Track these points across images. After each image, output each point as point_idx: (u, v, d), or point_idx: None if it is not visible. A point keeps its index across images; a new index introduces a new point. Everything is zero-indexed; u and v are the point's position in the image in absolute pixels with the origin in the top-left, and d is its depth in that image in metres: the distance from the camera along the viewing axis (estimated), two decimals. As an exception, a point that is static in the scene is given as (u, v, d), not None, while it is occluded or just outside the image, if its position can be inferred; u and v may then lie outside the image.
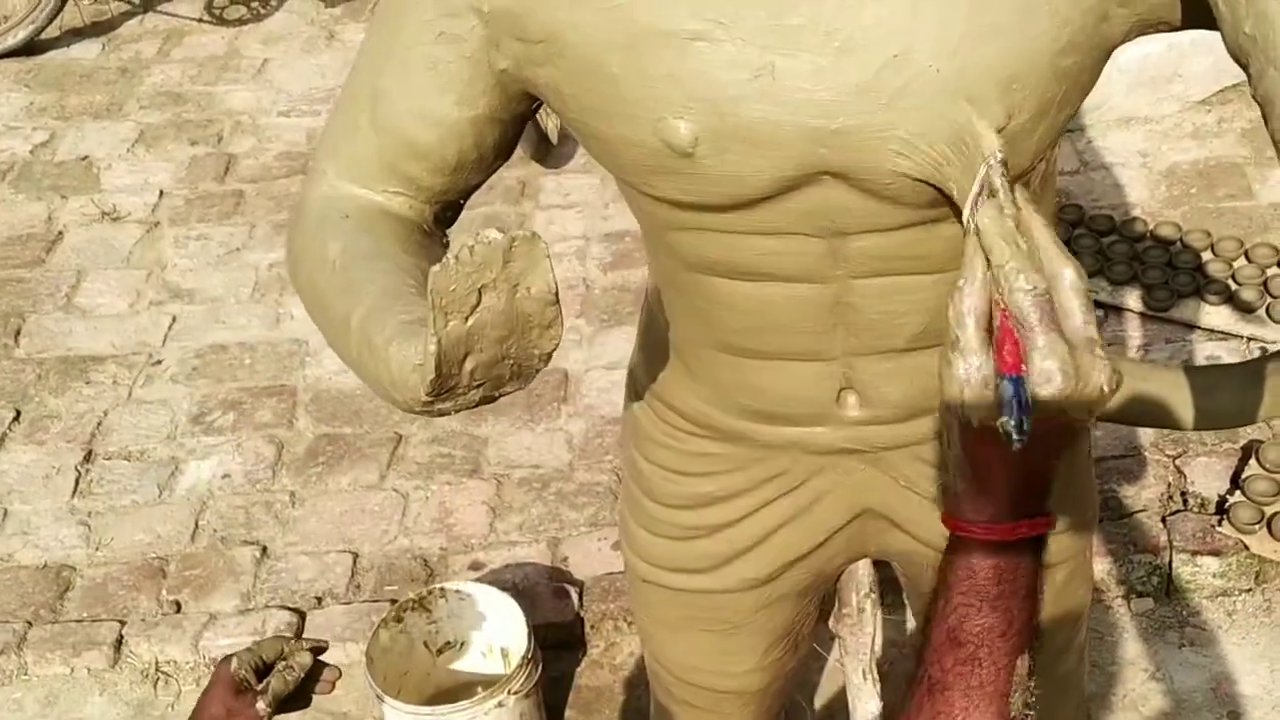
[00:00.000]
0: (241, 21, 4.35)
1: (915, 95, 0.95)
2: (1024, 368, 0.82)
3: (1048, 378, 0.80)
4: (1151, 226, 3.19)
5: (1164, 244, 3.12)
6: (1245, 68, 0.90)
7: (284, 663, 1.30)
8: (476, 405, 0.94)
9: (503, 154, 1.13)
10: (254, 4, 4.40)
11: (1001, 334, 0.83)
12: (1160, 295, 2.98)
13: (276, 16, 4.38)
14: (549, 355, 0.92)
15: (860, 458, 1.24)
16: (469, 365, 0.89)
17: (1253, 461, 2.58)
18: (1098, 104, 3.61)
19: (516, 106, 1.09)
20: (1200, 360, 2.87)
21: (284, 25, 4.33)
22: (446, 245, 1.16)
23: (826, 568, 1.37)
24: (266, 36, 4.29)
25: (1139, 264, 3.07)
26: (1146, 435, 2.67)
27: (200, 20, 4.36)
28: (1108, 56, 1.02)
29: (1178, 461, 2.65)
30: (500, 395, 0.94)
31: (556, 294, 0.88)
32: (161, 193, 3.67)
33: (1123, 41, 1.01)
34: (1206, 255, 3.07)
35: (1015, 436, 0.81)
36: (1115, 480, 2.62)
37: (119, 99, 4.05)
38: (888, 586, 2.26)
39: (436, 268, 0.83)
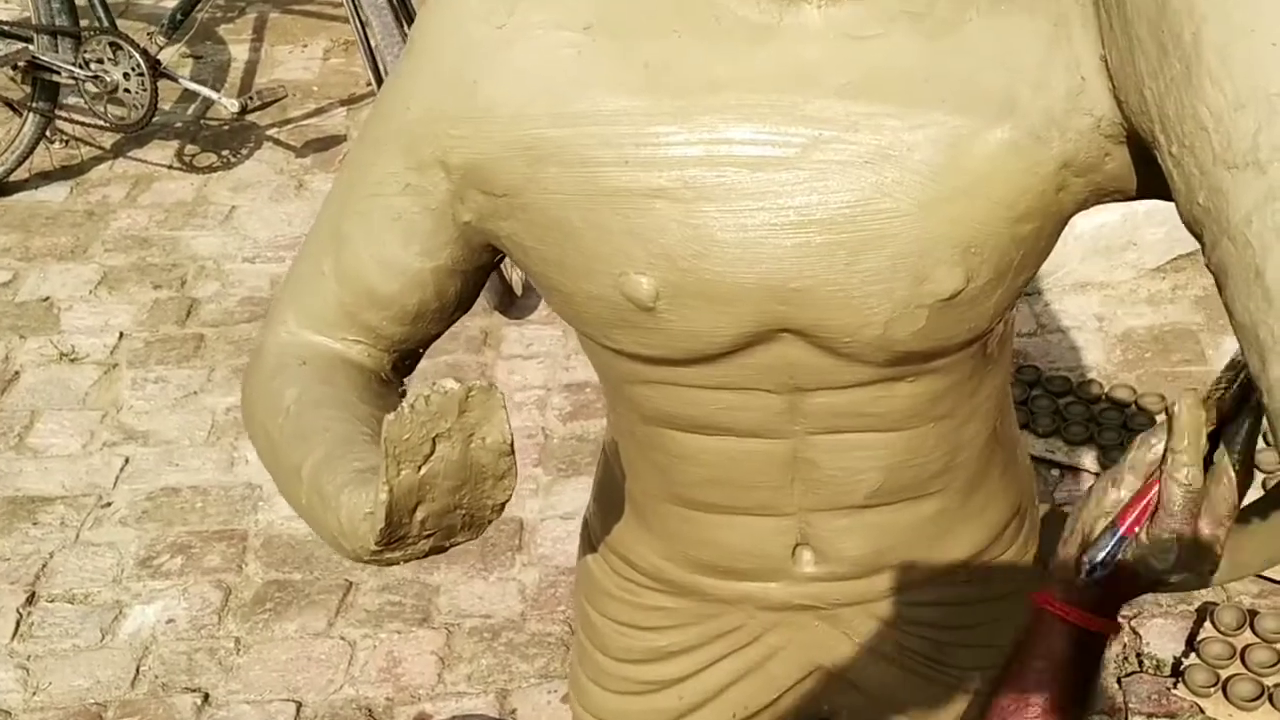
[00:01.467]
0: (211, 169, 4.38)
1: (874, 256, 0.96)
2: (1137, 532, 0.97)
3: (1162, 555, 0.95)
4: (1107, 389, 3.23)
5: (1119, 406, 3.16)
6: (1199, 237, 0.92)
7: None
8: (426, 555, 0.93)
9: (464, 304, 1.13)
10: (224, 151, 4.45)
11: (1143, 493, 0.97)
12: (1116, 456, 2.99)
13: (247, 164, 4.42)
14: (502, 506, 0.91)
15: (815, 614, 1.22)
16: (420, 515, 0.88)
17: (1207, 624, 2.57)
18: (1054, 269, 3.68)
19: (479, 258, 1.09)
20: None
21: (254, 173, 4.37)
22: (404, 394, 1.16)
23: (779, 726, 1.34)
24: (236, 183, 4.32)
25: (1095, 425, 3.10)
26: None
27: (170, 166, 4.40)
28: (1065, 222, 1.04)
29: (1133, 623, 2.64)
30: (451, 545, 0.93)
31: (511, 445, 0.87)
32: (121, 334, 3.66)
33: (1079, 209, 1.03)
34: (1161, 418, 3.09)
35: (1084, 575, 0.98)
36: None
37: (84, 241, 4.06)
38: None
39: (391, 416, 0.83)
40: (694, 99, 0.96)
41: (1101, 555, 0.97)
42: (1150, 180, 0.97)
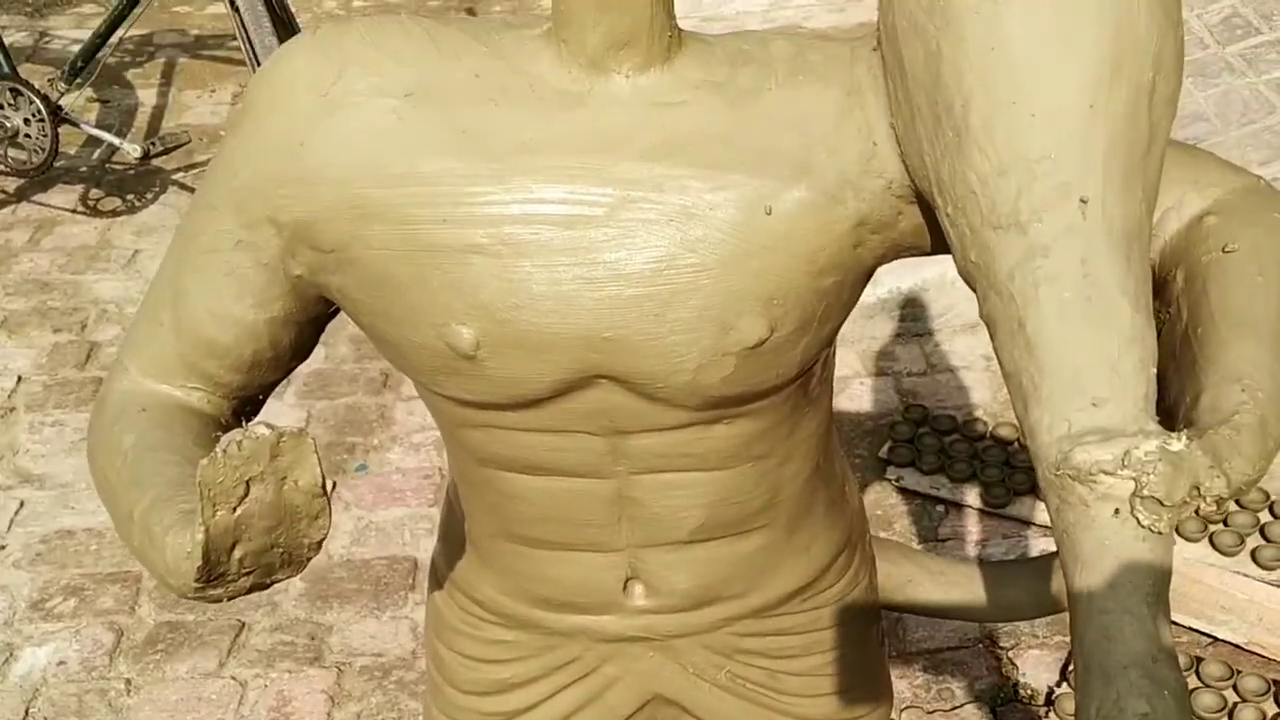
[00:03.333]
0: (115, 213, 4.39)
1: (681, 308, 1.02)
2: None
3: None
4: (992, 427, 3.32)
5: (1003, 444, 3.25)
6: (974, 290, 0.99)
7: None
8: (249, 591, 0.98)
9: (300, 354, 1.18)
10: (129, 196, 4.45)
11: None
12: (998, 493, 3.09)
13: (151, 208, 4.43)
14: (319, 544, 0.96)
15: (648, 645, 1.28)
16: (238, 553, 0.93)
17: (1080, 656, 2.65)
18: (945, 310, 3.79)
19: (312, 309, 1.14)
20: (1034, 554, 2.96)
21: (157, 217, 4.38)
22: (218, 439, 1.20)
23: (623, 753, 1.39)
24: (140, 227, 4.33)
25: (979, 462, 3.19)
26: (982, 628, 2.75)
27: (74, 211, 4.40)
28: (868, 275, 1.11)
29: (1010, 653, 2.71)
30: (273, 582, 0.98)
31: (323, 487, 0.92)
32: (20, 378, 3.65)
33: (880, 263, 1.10)
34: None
35: None
36: (950, 671, 2.68)
37: (-16, 286, 4.06)
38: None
39: (205, 460, 0.87)
40: (509, 161, 1.02)
41: None
42: (943, 240, 1.04)
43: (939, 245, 1.07)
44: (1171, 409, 1.00)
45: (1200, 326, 1.01)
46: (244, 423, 1.20)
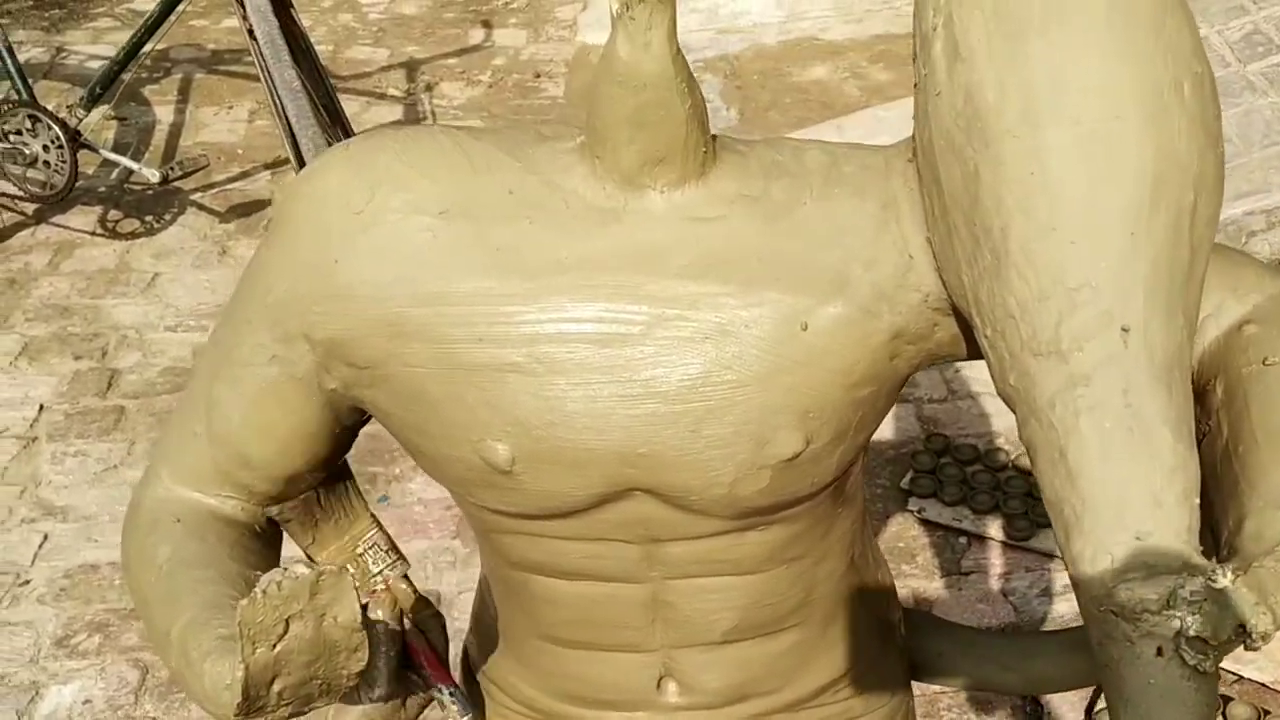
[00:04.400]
0: (134, 235, 4.40)
1: (717, 424, 1.02)
2: None
3: None
4: (1014, 457, 3.31)
5: (1025, 474, 3.24)
6: (1014, 411, 0.98)
7: None
8: (289, 719, 0.98)
9: (334, 461, 1.18)
10: (147, 217, 4.46)
11: None
12: (1021, 525, 3.08)
13: (170, 230, 4.44)
14: (357, 674, 0.96)
15: (683, 741, 1.27)
16: (277, 687, 0.93)
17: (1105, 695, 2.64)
18: (964, 332, 3.77)
19: (347, 419, 1.14)
20: (1058, 589, 2.96)
21: (176, 239, 4.39)
22: (279, 544, 1.20)
23: (657, 844, 1.39)
24: (159, 250, 4.34)
25: (1001, 494, 3.18)
26: (1006, 667, 2.74)
27: (93, 233, 4.41)
28: (903, 383, 1.10)
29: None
30: (310, 710, 0.98)
31: (362, 622, 0.92)
32: (41, 407, 3.66)
33: (915, 370, 1.09)
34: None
35: None
36: (975, 710, 2.67)
37: (4, 311, 4.06)
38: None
39: (245, 601, 0.87)
40: (544, 280, 1.01)
41: None
42: (977, 347, 1.03)
43: (975, 353, 1.06)
44: (1214, 528, 1.00)
45: (1241, 445, 1.00)
46: (278, 528, 1.20)
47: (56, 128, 3.98)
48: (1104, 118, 0.91)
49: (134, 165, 4.12)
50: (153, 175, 4.04)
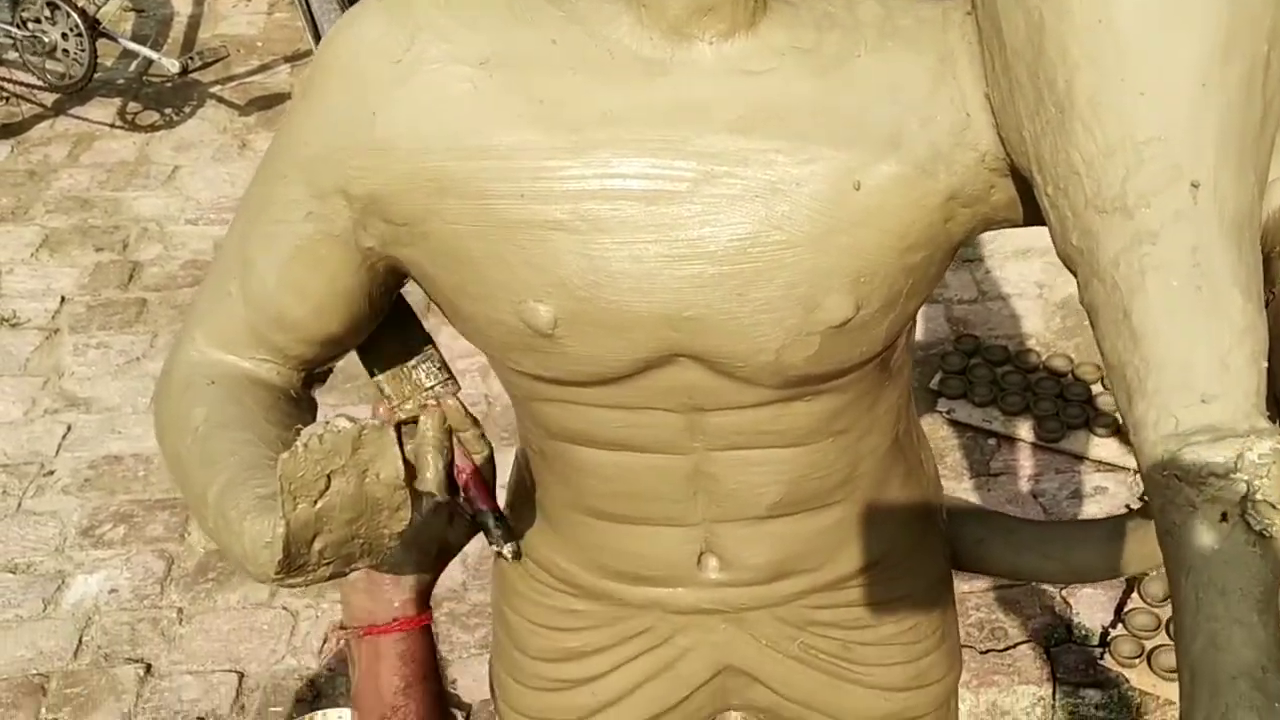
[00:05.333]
0: (154, 127, 4.35)
1: (766, 286, 0.98)
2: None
3: None
4: (1045, 358, 3.27)
5: (1056, 376, 3.21)
6: (1074, 274, 0.94)
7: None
8: (329, 579, 0.96)
9: (370, 324, 1.15)
10: (167, 110, 4.41)
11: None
12: (1051, 427, 3.05)
13: (190, 123, 4.39)
14: (399, 535, 0.94)
15: (722, 617, 1.26)
16: (318, 545, 0.91)
17: (1135, 595, 2.63)
18: (996, 235, 3.72)
19: (384, 281, 1.11)
20: (1088, 491, 2.94)
21: (196, 132, 4.34)
22: (314, 409, 1.17)
23: (692, 720, 1.38)
24: (178, 143, 4.29)
25: (1032, 395, 3.14)
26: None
27: (112, 125, 4.37)
28: (956, 249, 1.06)
29: (1064, 593, 2.69)
30: (351, 570, 0.96)
31: (405, 479, 0.89)
32: (63, 299, 3.64)
33: (970, 236, 1.05)
34: (1097, 388, 3.15)
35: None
36: (1004, 610, 2.66)
37: (25, 202, 4.03)
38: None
39: (285, 454, 0.85)
40: (588, 134, 0.97)
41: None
42: (1036, 211, 0.99)
43: (1032, 218, 1.02)
44: (1278, 396, 0.97)
45: None
46: (312, 391, 1.18)
47: (75, 15, 3.93)
48: None
49: (153, 55, 4.07)
50: (172, 65, 3.99)
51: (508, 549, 1.20)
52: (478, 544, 1.32)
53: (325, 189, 1.04)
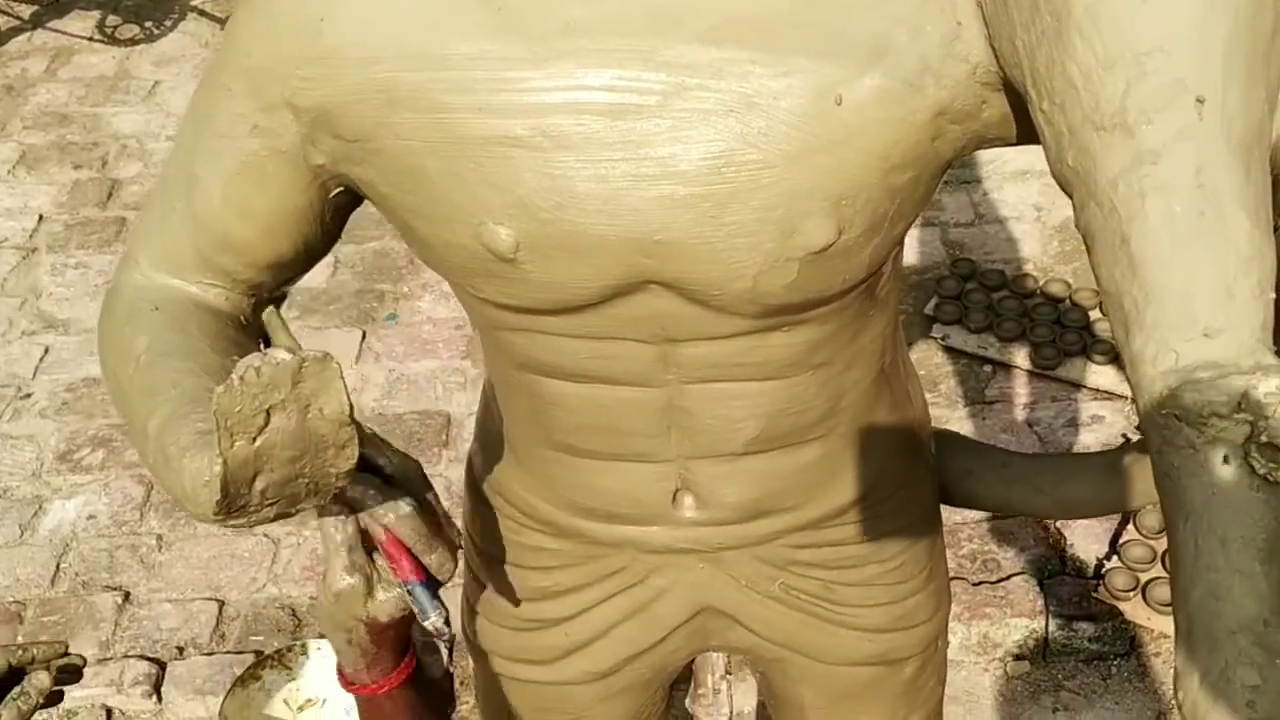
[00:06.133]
0: (134, 41, 4.25)
1: (741, 209, 0.92)
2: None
3: None
4: (1042, 283, 3.21)
5: (1053, 301, 3.14)
6: (1070, 196, 0.88)
7: (19, 687, 1.06)
8: (275, 519, 0.90)
9: (322, 249, 1.08)
10: (147, 24, 4.31)
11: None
12: (1048, 353, 2.99)
13: (170, 37, 4.29)
14: (347, 474, 0.88)
15: (699, 557, 1.20)
16: (259, 485, 0.85)
17: (1130, 527, 2.59)
18: (993, 157, 3.64)
19: (336, 201, 1.04)
20: (1085, 419, 2.89)
21: (177, 46, 4.24)
22: (265, 335, 1.11)
23: (669, 661, 1.33)
24: (159, 57, 4.19)
25: (1028, 321, 3.08)
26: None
27: (91, 39, 4.26)
28: (944, 170, 1.00)
29: (1058, 525, 2.65)
30: (298, 512, 0.90)
31: (351, 414, 0.84)
32: (41, 217, 3.57)
33: (959, 156, 0.98)
34: (1095, 314, 3.09)
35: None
36: (996, 542, 2.62)
37: (2, 119, 3.94)
38: (743, 667, 2.25)
39: (220, 388, 0.79)
40: (551, 43, 0.90)
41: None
42: (1030, 128, 0.93)
43: (1026, 136, 0.96)
44: None
45: None
46: (263, 317, 1.11)
47: (51, -75, 3.82)
48: None
49: (131, -34, 3.96)
50: (152, -23, 3.89)
51: (434, 619, 1.00)
52: (463, 471, 1.27)
53: (271, 102, 0.97)
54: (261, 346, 1.08)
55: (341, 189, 1.02)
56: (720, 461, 1.12)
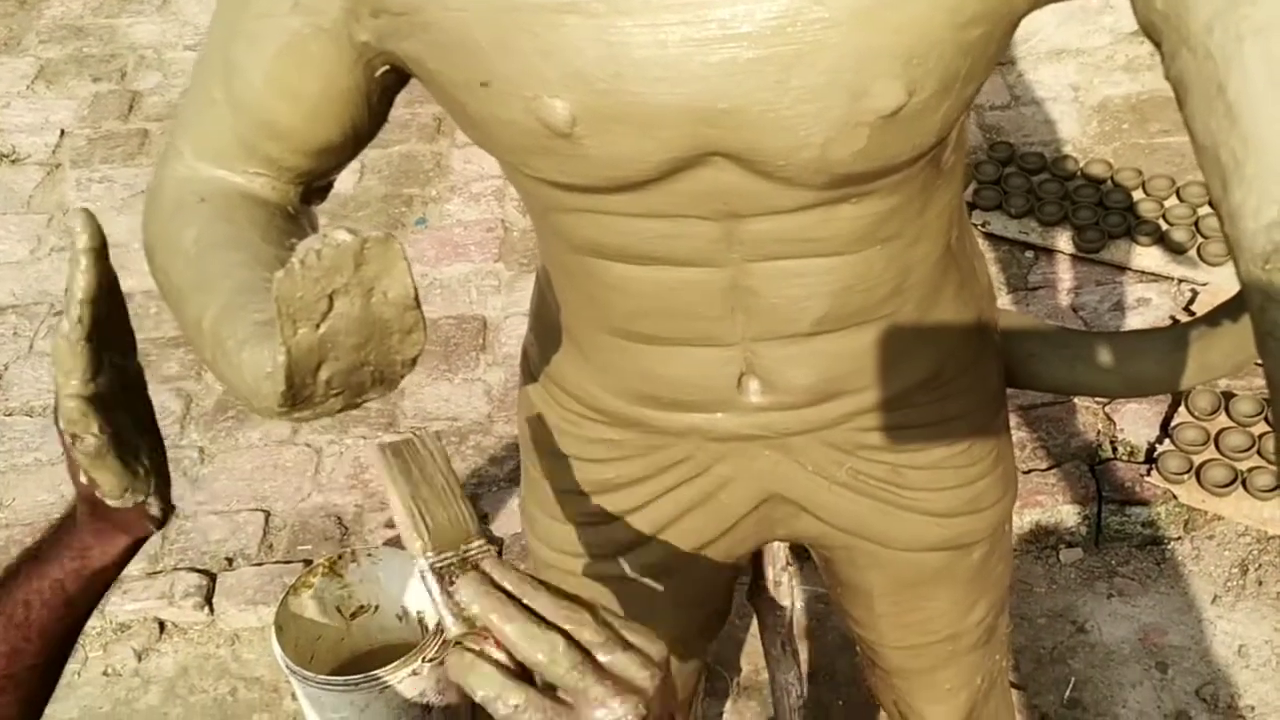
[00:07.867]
0: (146, -51, 4.17)
1: (808, 72, 0.87)
2: None
3: None
4: (1083, 164, 3.13)
5: (1095, 183, 3.07)
6: (1158, 45, 0.84)
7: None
8: (340, 411, 0.87)
9: (369, 133, 1.04)
10: (160, -70, 4.22)
11: None
12: (1091, 236, 2.93)
13: (184, -57, 4.21)
14: (413, 361, 0.85)
15: (765, 444, 1.17)
16: (324, 374, 0.82)
17: (1182, 409, 2.54)
18: (1028, 36, 3.56)
19: (382, 81, 1.00)
20: (1130, 302, 2.84)
21: (192, -48, 4.16)
22: (315, 226, 1.08)
23: (734, 552, 1.31)
24: (173, -37, 4.12)
25: (1070, 204, 3.02)
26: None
27: (103, -52, 4.19)
28: (1017, 24, 0.95)
29: (1108, 409, 2.61)
30: (364, 402, 0.87)
31: (416, 298, 0.80)
32: (63, 132, 3.52)
33: (1032, 9, 0.93)
34: (1138, 194, 3.02)
35: None
36: (1046, 428, 2.59)
37: (17, 33, 3.88)
38: (804, 559, 2.23)
39: (280, 273, 0.75)
40: None
41: None
42: None
43: None
44: None
45: None
46: (312, 207, 1.08)
47: None
48: None
49: None
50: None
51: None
52: (502, 375, 1.24)
53: None
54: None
55: (388, 67, 0.98)
56: (787, 343, 1.08)
